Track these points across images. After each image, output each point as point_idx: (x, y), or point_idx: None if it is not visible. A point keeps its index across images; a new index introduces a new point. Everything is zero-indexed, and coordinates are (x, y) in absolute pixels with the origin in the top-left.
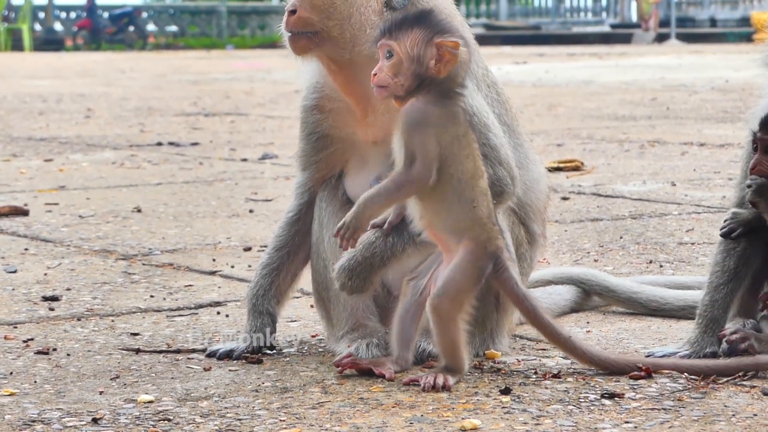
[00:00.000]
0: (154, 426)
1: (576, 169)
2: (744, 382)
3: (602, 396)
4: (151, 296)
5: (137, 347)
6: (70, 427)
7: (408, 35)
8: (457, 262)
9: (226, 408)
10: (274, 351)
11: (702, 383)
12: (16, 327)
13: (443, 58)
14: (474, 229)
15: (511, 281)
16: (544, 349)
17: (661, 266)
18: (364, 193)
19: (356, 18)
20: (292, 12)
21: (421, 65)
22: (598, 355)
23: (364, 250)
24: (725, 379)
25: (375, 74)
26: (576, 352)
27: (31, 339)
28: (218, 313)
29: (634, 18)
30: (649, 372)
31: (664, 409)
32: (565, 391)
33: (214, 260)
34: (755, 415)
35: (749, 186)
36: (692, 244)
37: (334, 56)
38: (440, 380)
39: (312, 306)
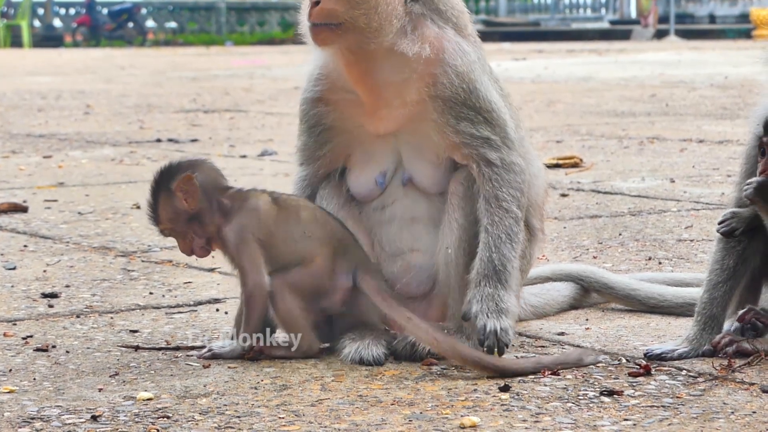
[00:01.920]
0: (153, 423)
1: (575, 165)
2: (743, 379)
3: (601, 393)
4: (150, 293)
5: (136, 344)
6: (69, 424)
7: (158, 211)
8: (305, 270)
9: (225, 405)
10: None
11: (701, 379)
12: (15, 324)
13: (188, 194)
14: (319, 250)
15: (376, 286)
16: (543, 346)
17: (659, 263)
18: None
19: (383, 7)
20: (316, 3)
21: (181, 214)
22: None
23: None
24: (723, 369)
25: (190, 252)
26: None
27: (30, 336)
28: (217, 310)
29: (634, 14)
30: (648, 369)
31: (663, 406)
32: (564, 388)
33: (213, 257)
34: (754, 412)
35: (749, 183)
36: (691, 240)
37: (357, 47)
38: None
39: None
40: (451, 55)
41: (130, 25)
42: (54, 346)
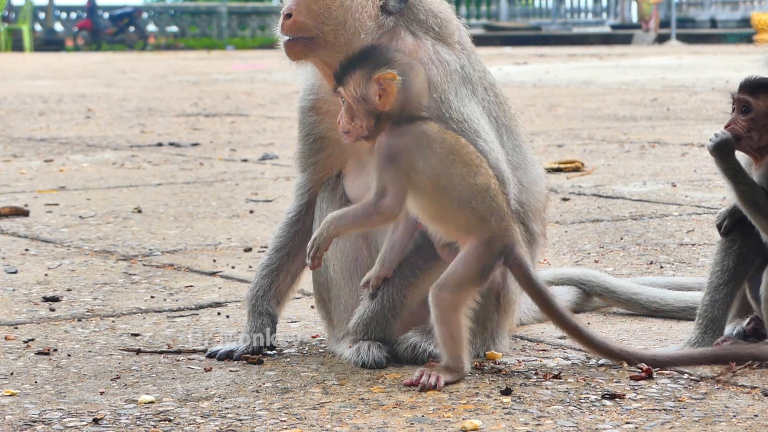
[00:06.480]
0: (154, 426)
1: (576, 169)
2: (744, 383)
3: (603, 397)
4: (152, 297)
5: (138, 348)
6: (71, 427)
7: (351, 78)
8: (460, 257)
9: (226, 408)
10: (275, 351)
11: (702, 382)
12: (16, 327)
13: (386, 91)
14: (476, 228)
15: (524, 266)
16: (544, 350)
17: (661, 267)
18: (334, 212)
19: (351, 23)
20: (288, 16)
21: (368, 103)
22: (603, 343)
23: (372, 305)
24: (724, 371)
25: (339, 122)
26: (583, 340)
27: (32, 339)
28: (219, 313)
29: (635, 19)
30: (649, 372)
31: (665, 409)
32: (566, 391)
33: (214, 261)
34: (756, 416)
35: (711, 139)
36: (693, 245)
37: (329, 61)
38: (432, 379)
39: (312, 307)
40: (424, 65)
41: (131, 29)
42: (55, 350)
